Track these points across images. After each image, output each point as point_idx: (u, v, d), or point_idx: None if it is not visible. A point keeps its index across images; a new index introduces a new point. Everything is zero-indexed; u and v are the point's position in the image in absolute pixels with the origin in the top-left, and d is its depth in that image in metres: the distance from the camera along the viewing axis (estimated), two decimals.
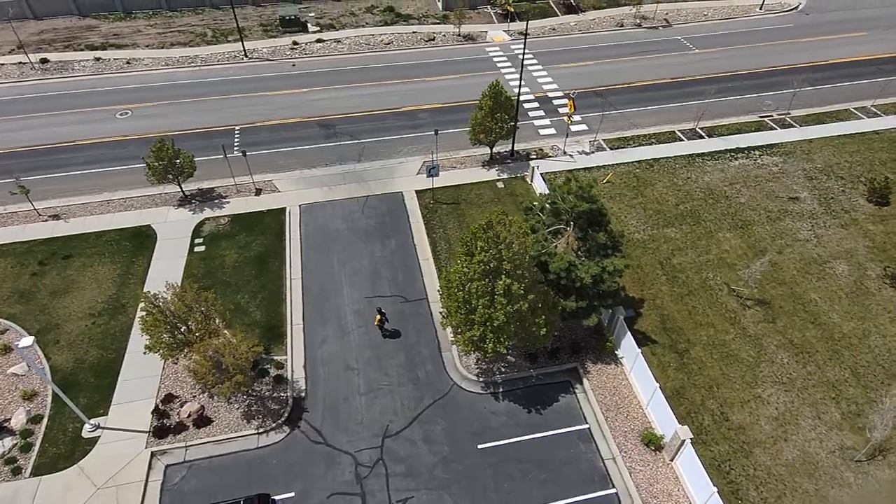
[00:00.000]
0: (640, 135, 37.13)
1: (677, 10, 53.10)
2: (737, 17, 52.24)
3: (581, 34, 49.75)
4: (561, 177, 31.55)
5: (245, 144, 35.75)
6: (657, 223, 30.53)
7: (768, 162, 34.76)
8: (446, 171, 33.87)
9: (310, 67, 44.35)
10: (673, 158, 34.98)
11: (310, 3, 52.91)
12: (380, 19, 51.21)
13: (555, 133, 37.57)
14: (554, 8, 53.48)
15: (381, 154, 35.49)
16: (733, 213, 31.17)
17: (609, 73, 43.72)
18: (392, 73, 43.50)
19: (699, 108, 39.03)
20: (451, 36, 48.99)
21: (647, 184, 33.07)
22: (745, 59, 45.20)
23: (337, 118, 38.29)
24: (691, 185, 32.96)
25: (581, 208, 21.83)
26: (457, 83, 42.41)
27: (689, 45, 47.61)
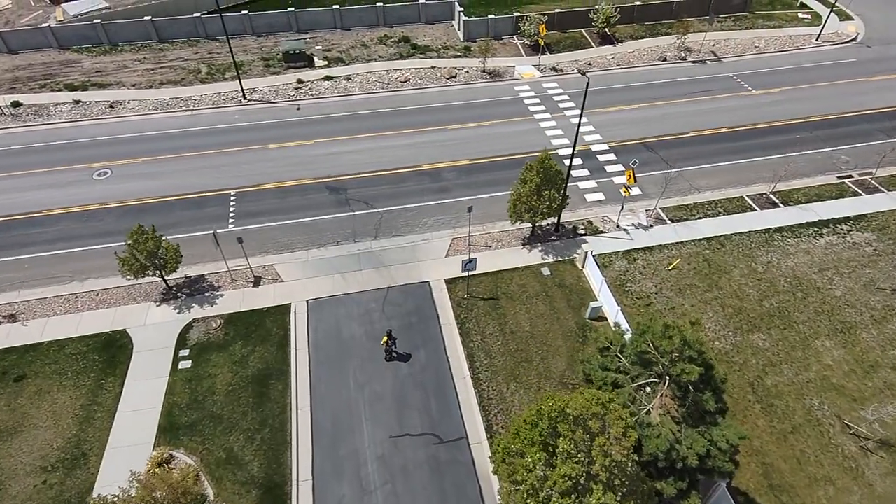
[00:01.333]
0: (704, 202, 31.79)
1: (725, 41, 47.71)
2: (791, 49, 46.86)
3: (620, 69, 44.40)
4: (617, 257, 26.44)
5: (242, 215, 30.48)
6: (740, 326, 25.23)
7: (860, 240, 29.43)
8: (480, 251, 28.61)
9: (317, 112, 39.04)
10: (747, 235, 29.65)
11: (316, 34, 47.62)
12: (394, 52, 45.91)
13: (603, 199, 32.25)
14: (587, 38, 48.11)
15: (402, 227, 30.20)
16: (829, 312, 25.86)
17: (658, 119, 38.37)
18: (411, 120, 38.17)
19: (771, 169, 33.72)
20: (474, 72, 43.66)
21: (720, 270, 27.76)
22: (809, 103, 39.84)
23: (348, 179, 32.98)
24: (774, 273, 27.65)
25: (690, 376, 16.43)
26: (485, 132, 37.09)
27: (743, 83, 42.25)
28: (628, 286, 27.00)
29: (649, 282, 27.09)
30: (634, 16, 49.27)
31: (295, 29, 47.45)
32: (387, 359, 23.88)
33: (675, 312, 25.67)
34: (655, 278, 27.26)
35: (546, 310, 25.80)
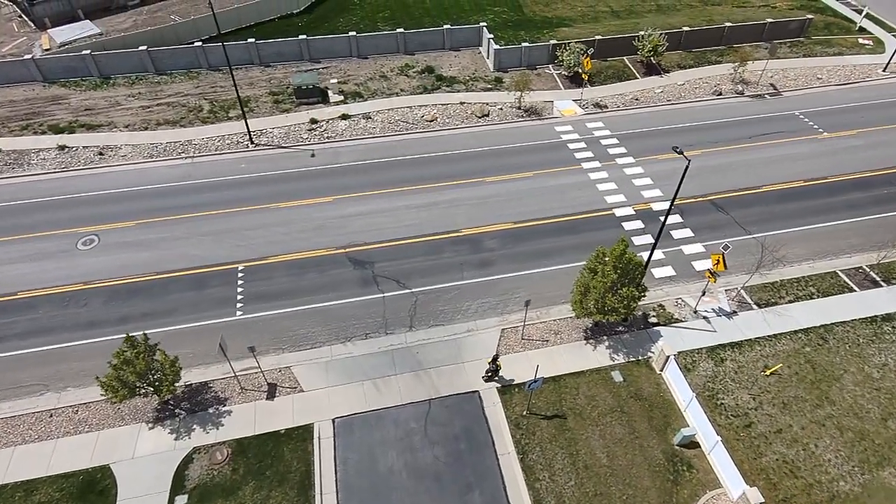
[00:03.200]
0: (792, 279, 27.12)
1: (783, 70, 42.99)
2: (857, 80, 42.15)
3: (671, 106, 39.69)
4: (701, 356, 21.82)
5: (252, 298, 25.77)
6: (866, 458, 20.58)
7: None
8: (536, 349, 23.99)
9: (333, 159, 34.33)
10: (851, 326, 24.99)
11: (330, 63, 42.91)
12: (417, 84, 41.21)
13: (674, 274, 27.58)
14: (630, 68, 43.41)
15: (442, 314, 25.53)
16: None
17: (723, 169, 33.67)
18: (442, 170, 33.44)
19: (861, 235, 29.10)
20: (509, 109, 38.95)
21: (828, 376, 23.10)
22: (892, 149, 35.15)
23: (374, 248, 28.29)
24: (893, 379, 23.00)
25: None
26: (528, 186, 32.38)
27: (812, 124, 37.54)
28: (719, 398, 22.36)
29: (745, 392, 22.44)
30: (681, 42, 44.51)
31: (307, 58, 42.73)
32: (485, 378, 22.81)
33: (784, 438, 21.03)
34: (752, 387, 22.62)
35: (624, 433, 21.17)
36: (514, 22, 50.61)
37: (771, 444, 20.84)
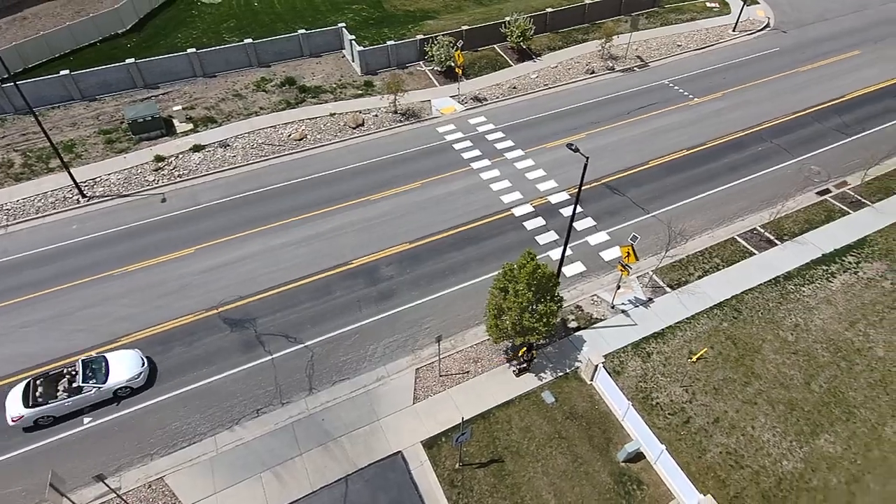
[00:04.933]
0: (697, 253, 26.74)
1: (646, 42, 43.68)
2: (713, 43, 43.85)
3: (549, 90, 38.66)
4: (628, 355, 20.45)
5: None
6: (801, 430, 20.19)
7: (873, 273, 25.80)
8: (456, 385, 21.32)
9: (190, 201, 29.25)
10: (759, 291, 24.92)
11: (171, 87, 37.06)
12: (278, 99, 36.73)
13: (584, 270, 26.17)
14: (503, 55, 41.90)
15: (344, 365, 22.05)
16: (882, 382, 21.62)
17: (610, 149, 33.01)
18: (320, 195, 29.59)
19: (747, 196, 29.57)
20: (385, 114, 35.79)
21: (749, 349, 22.69)
22: (755, 107, 36.52)
23: (252, 302, 24.02)
24: (807, 339, 23.05)
25: None
26: (418, 198, 29.56)
27: (682, 91, 38.22)
28: (654, 397, 21.10)
29: (677, 385, 21.37)
30: (547, 24, 43.83)
31: (140, 85, 36.52)
32: (517, 374, 21.58)
33: (722, 426, 20.15)
34: (682, 378, 21.60)
35: (567, 462, 19.15)
36: (376, 19, 47.39)
37: (712, 437, 19.86)
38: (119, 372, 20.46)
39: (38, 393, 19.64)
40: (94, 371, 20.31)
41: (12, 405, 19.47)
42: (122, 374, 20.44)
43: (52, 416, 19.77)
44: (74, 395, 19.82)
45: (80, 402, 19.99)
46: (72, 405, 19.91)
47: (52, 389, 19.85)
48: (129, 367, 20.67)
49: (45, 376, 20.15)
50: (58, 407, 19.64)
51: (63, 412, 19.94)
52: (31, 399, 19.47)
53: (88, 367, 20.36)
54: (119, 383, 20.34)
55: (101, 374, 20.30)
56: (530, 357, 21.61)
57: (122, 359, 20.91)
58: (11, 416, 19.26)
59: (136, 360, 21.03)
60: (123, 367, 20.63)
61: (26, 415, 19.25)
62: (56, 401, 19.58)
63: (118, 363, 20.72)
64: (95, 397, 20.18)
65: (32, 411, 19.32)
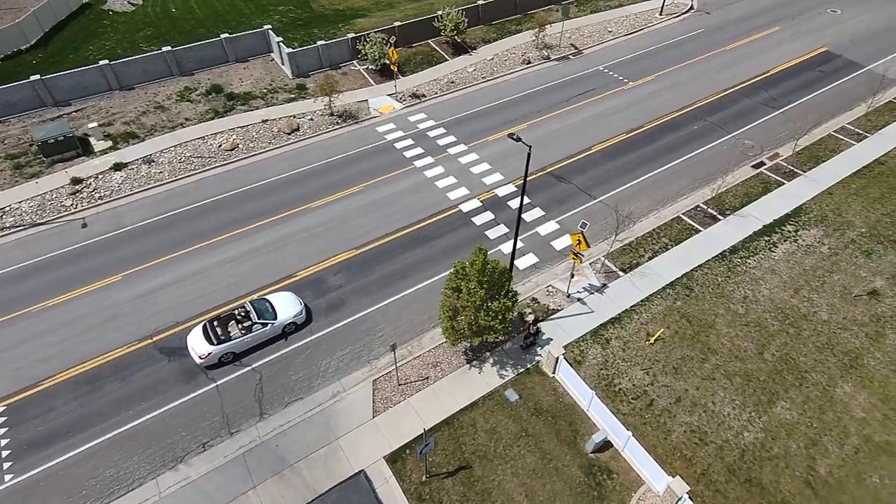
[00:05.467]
0: (646, 235, 26.87)
1: (578, 29, 43.99)
2: (642, 28, 44.64)
3: (487, 83, 38.23)
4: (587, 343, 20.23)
5: (25, 449, 18.41)
6: (758, 400, 20.46)
7: (811, 240, 26.67)
8: (418, 393, 20.44)
9: (114, 224, 27.01)
10: (708, 267, 25.26)
11: (85, 103, 34.29)
12: (206, 108, 34.65)
13: (537, 261, 25.81)
14: (438, 50, 41.17)
15: (296, 384, 20.75)
16: (830, 345, 22.29)
17: (552, 138, 32.89)
18: (255, 206, 27.98)
19: (688, 174, 30.06)
20: (320, 117, 34.39)
21: (703, 325, 22.89)
22: (687, 87, 37.33)
23: (190, 327, 22.30)
24: (756, 310, 23.48)
25: None
26: (361, 201, 28.42)
27: (617, 76, 38.63)
28: (616, 383, 20.92)
29: (637, 369, 21.27)
30: (480, 17, 43.45)
31: (49, 103, 33.60)
32: (523, 346, 21.83)
33: (684, 405, 20.18)
34: (642, 361, 21.53)
35: (536, 461, 18.65)
36: (305, 20, 45.74)
37: (675, 417, 19.86)
38: (284, 309, 22.00)
39: (218, 332, 20.85)
40: (263, 310, 21.72)
41: (198, 344, 20.67)
42: (288, 312, 21.98)
43: (234, 352, 21.06)
44: (252, 331, 21.12)
45: (258, 337, 21.43)
46: (250, 341, 21.30)
47: (229, 329, 21.09)
48: (291, 306, 22.24)
49: (217, 319, 21.34)
50: (239, 343, 20.99)
51: (243, 348, 21.27)
52: (214, 338, 20.62)
53: (258, 307, 21.75)
54: (287, 319, 21.83)
55: (270, 313, 21.74)
56: (536, 330, 21.69)
57: (283, 299, 22.46)
58: (199, 354, 20.53)
59: (294, 299, 22.58)
60: (286, 305, 22.19)
61: (213, 351, 20.55)
62: (237, 338, 20.88)
63: (281, 303, 22.23)
64: (270, 333, 21.63)
65: (218, 348, 20.57)
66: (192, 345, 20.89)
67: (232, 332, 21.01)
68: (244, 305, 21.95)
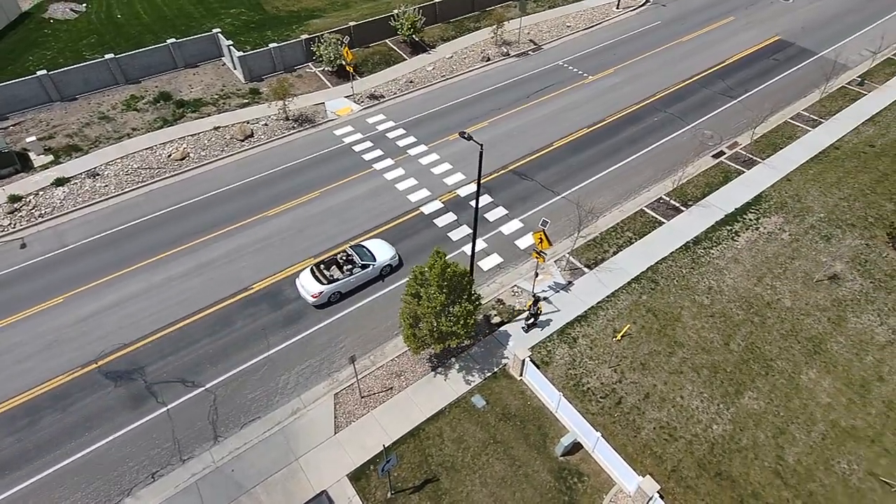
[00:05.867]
0: (610, 229, 26.59)
1: (537, 25, 43.75)
2: (600, 22, 44.65)
3: (447, 82, 37.62)
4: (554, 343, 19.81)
5: None
6: (726, 392, 20.31)
7: (772, 227, 26.77)
8: (381, 405, 19.68)
9: (56, 243, 25.48)
10: (672, 259, 25.10)
11: (23, 116, 32.44)
12: (154, 117, 33.18)
13: (502, 261, 25.28)
14: (396, 50, 40.39)
15: (253, 403, 19.77)
16: (794, 332, 22.31)
17: (514, 135, 32.46)
18: (207, 218, 26.77)
19: (651, 166, 30.00)
20: (275, 122, 33.28)
21: (669, 318, 22.69)
22: (647, 79, 37.37)
23: (138, 349, 21.06)
24: (721, 300, 23.40)
25: None
26: (319, 207, 27.50)
27: (577, 70, 38.47)
28: (584, 382, 20.52)
29: (605, 367, 20.91)
30: (438, 15, 42.82)
31: None
32: (525, 329, 21.91)
33: (653, 401, 19.88)
34: (610, 359, 21.18)
35: (505, 468, 18.09)
36: (258, 22, 44.44)
37: (644, 414, 19.56)
38: (381, 253, 23.96)
39: (326, 274, 22.64)
40: (363, 254, 23.64)
41: (310, 285, 22.43)
42: (384, 255, 23.94)
43: (340, 292, 22.86)
44: (354, 273, 22.92)
45: (361, 278, 23.25)
46: (355, 281, 23.14)
47: (334, 271, 22.82)
48: (386, 250, 24.23)
49: (322, 263, 23.10)
50: (345, 283, 22.81)
51: (348, 288, 23.13)
52: (324, 279, 22.42)
53: (358, 252, 23.65)
54: (384, 262, 23.77)
55: (369, 256, 23.67)
56: (537, 311, 21.59)
57: (378, 245, 24.42)
58: (311, 293, 22.28)
59: (388, 246, 24.56)
60: (382, 250, 24.18)
61: (324, 290, 22.31)
62: (343, 278, 22.66)
63: (377, 248, 24.18)
64: (371, 273, 23.52)
65: (328, 287, 22.38)
66: (304, 286, 22.60)
67: (336, 275, 22.71)
68: (346, 251, 23.73)
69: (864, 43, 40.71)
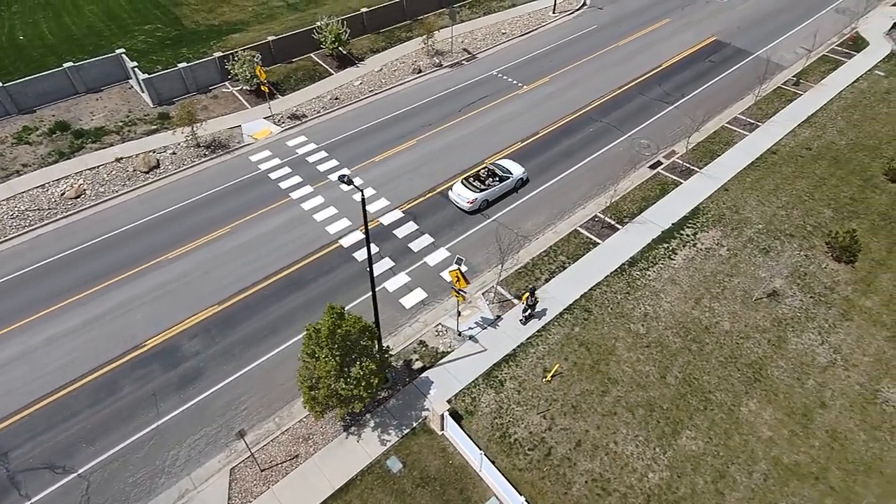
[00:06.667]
0: (542, 254, 24.92)
1: (471, 33, 42.06)
2: (536, 28, 43.22)
3: (376, 97, 35.51)
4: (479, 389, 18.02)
5: None
6: (662, 433, 18.82)
7: (709, 242, 25.60)
8: (286, 478, 17.51)
9: None
10: (607, 284, 23.61)
11: None
12: (48, 150, 30.07)
13: (426, 296, 23.29)
14: (322, 64, 38.07)
15: (134, 489, 17.19)
16: (733, 358, 21.04)
17: (444, 152, 30.60)
18: (99, 265, 23.89)
19: (587, 181, 28.58)
20: (185, 150, 30.60)
21: (603, 352, 21.13)
22: (583, 87, 36.05)
23: (5, 429, 18.37)
24: (657, 328, 21.97)
25: None
26: (227, 245, 25.02)
27: (511, 80, 36.88)
28: (511, 433, 18.72)
29: (534, 413, 19.15)
30: (365, 25, 40.70)
31: None
32: (523, 321, 21.79)
33: (584, 450, 18.24)
34: (538, 402, 19.45)
35: None
36: (175, 38, 41.46)
37: (576, 465, 17.91)
38: (515, 169, 27.91)
39: (476, 185, 26.53)
40: (503, 169, 27.61)
41: (465, 193, 26.28)
42: (518, 170, 27.91)
43: (487, 200, 26.84)
44: (499, 183, 26.92)
45: (502, 188, 27.20)
46: (498, 191, 27.08)
47: (480, 182, 26.69)
48: (517, 167, 28.09)
49: (469, 177, 27.01)
50: (491, 192, 26.71)
51: (493, 197, 27.09)
52: (475, 188, 26.35)
53: (498, 167, 27.69)
54: (519, 175, 27.85)
55: (507, 171, 27.56)
56: (534, 302, 21.23)
57: (511, 163, 28.34)
58: (468, 200, 26.13)
59: (516, 163, 28.40)
60: (515, 166, 28.09)
61: (478, 197, 26.23)
62: (489, 188, 26.61)
63: (510, 165, 28.12)
64: (509, 185, 27.50)
65: (481, 194, 26.30)
66: (460, 195, 26.44)
67: (483, 186, 26.56)
68: (487, 167, 27.53)
69: (798, 41, 40.40)
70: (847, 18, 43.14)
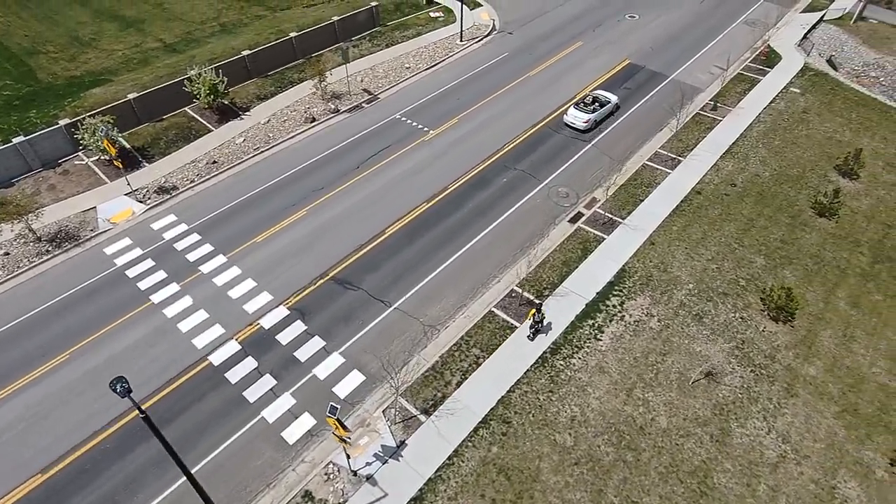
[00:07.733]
0: (453, 347, 21.31)
1: (372, 69, 38.16)
2: (443, 59, 39.81)
3: (261, 155, 30.96)
4: None
5: None
6: None
7: (638, 313, 22.78)
8: None
9: None
10: (526, 381, 20.22)
11: None
12: None
13: (314, 423, 19.12)
14: (200, 120, 33.14)
15: None
16: (674, 466, 18.14)
17: (335, 225, 26.51)
18: None
19: (503, 245, 25.27)
20: (21, 248, 25.20)
21: (526, 478, 17.69)
22: (494, 127, 32.82)
23: None
24: (587, 435, 18.80)
25: None
26: (63, 380, 19.94)
27: (416, 124, 33.22)
28: None
29: None
30: (249, 69, 36.07)
31: None
32: (531, 337, 21.12)
33: None
34: None
35: None
36: (25, 96, 35.50)
37: None
38: (611, 97, 33.13)
39: (586, 108, 31.90)
40: (603, 97, 32.95)
41: (580, 115, 31.65)
42: (613, 98, 33.17)
43: (596, 120, 32.14)
44: (602, 107, 32.33)
45: (605, 111, 32.54)
46: (603, 112, 32.43)
47: (587, 107, 32.06)
48: (612, 96, 33.33)
49: (577, 102, 32.53)
50: (598, 114, 32.05)
51: (599, 118, 32.33)
52: (586, 111, 31.71)
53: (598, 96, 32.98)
54: (615, 101, 33.18)
55: (605, 98, 32.91)
56: (541, 318, 20.99)
57: (606, 92, 33.53)
58: (583, 120, 31.50)
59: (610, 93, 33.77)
60: (610, 95, 33.31)
61: (591, 117, 31.59)
62: (597, 111, 31.98)
63: (607, 94, 33.34)
64: (610, 108, 32.88)
65: (593, 115, 31.66)
66: (577, 116, 31.61)
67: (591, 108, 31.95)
68: (590, 95, 32.93)
69: (712, 59, 38.90)
70: (758, 31, 42.19)
